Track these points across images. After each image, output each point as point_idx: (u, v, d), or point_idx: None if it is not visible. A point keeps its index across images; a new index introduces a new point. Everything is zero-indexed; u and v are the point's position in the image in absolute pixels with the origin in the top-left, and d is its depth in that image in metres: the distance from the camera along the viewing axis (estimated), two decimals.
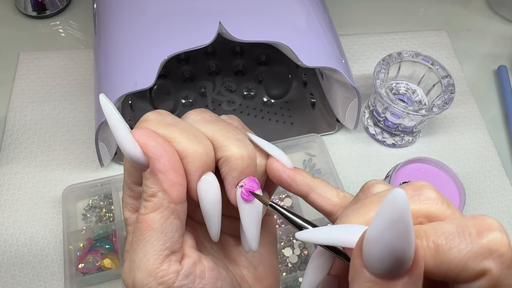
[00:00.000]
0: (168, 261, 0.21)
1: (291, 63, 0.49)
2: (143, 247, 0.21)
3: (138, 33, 0.46)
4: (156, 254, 0.21)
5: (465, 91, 0.63)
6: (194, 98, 0.60)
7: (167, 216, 0.21)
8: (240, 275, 0.26)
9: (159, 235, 0.21)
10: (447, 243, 0.17)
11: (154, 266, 0.20)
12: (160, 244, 0.21)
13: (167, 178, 0.20)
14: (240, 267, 0.27)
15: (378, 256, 0.16)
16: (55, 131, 0.56)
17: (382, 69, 0.52)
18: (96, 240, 0.48)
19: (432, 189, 0.19)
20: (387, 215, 0.15)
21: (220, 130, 0.23)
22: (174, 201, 0.21)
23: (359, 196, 0.22)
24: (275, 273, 0.28)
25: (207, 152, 0.22)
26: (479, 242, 0.16)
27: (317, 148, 0.55)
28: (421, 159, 0.48)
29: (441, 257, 0.17)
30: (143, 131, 0.21)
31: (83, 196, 0.51)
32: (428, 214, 0.19)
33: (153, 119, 0.22)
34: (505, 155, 0.58)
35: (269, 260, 0.28)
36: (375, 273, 0.16)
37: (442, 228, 0.17)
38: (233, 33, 0.44)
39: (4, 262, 0.47)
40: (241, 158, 0.22)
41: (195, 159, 0.21)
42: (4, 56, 0.62)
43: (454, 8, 0.72)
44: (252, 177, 0.23)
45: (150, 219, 0.21)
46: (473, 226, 0.17)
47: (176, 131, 0.21)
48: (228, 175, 0.22)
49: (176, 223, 0.21)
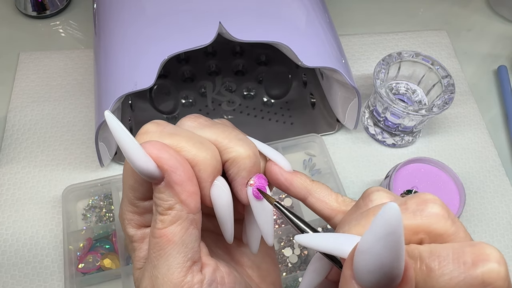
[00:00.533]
0: (191, 272, 0.21)
1: (291, 63, 0.49)
2: (165, 261, 0.20)
3: (138, 33, 0.46)
4: (180, 267, 0.20)
5: (465, 91, 0.63)
6: (194, 98, 0.60)
7: (186, 227, 0.21)
8: (246, 275, 0.26)
9: (180, 248, 0.20)
10: (440, 269, 0.16)
11: (179, 279, 0.20)
12: (182, 256, 0.20)
13: (184, 189, 0.20)
14: (245, 267, 0.27)
15: (367, 268, 0.16)
16: (55, 131, 0.56)
17: (382, 69, 0.52)
18: (96, 240, 0.48)
19: (438, 204, 0.19)
20: (378, 228, 0.15)
21: (221, 133, 0.22)
22: (193, 211, 0.21)
23: (359, 204, 0.22)
24: (276, 269, 0.28)
25: (215, 156, 0.22)
26: (473, 272, 0.16)
27: (317, 148, 0.55)
28: (421, 159, 0.48)
29: (432, 282, 0.16)
30: (154, 144, 0.20)
31: (83, 196, 0.51)
32: (430, 231, 0.18)
33: (155, 131, 0.21)
34: (505, 155, 0.58)
35: (269, 257, 0.28)
36: (363, 286, 0.16)
37: (438, 252, 0.17)
38: (233, 33, 0.44)
39: (4, 262, 0.47)
40: (248, 157, 0.22)
41: (206, 166, 0.21)
42: (4, 56, 0.62)
43: (454, 8, 0.72)
44: (259, 174, 0.23)
45: (170, 233, 0.20)
46: (470, 254, 0.16)
47: (182, 140, 0.21)
48: (237, 176, 0.22)
49: (195, 233, 0.21)
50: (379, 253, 0.15)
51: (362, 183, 0.54)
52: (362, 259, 0.16)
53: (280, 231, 0.49)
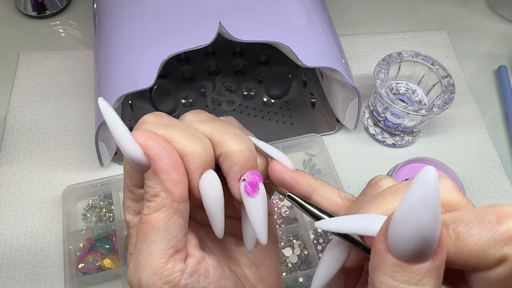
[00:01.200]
0: (173, 260, 0.21)
1: (291, 63, 0.49)
2: (148, 246, 0.21)
3: (138, 33, 0.46)
4: (161, 253, 0.21)
5: (465, 91, 0.63)
6: (194, 98, 0.60)
7: (170, 215, 0.21)
8: (243, 274, 0.26)
9: (163, 234, 0.21)
10: (467, 231, 0.17)
11: (160, 265, 0.21)
12: (164, 243, 0.21)
13: (169, 178, 0.21)
14: (242, 266, 0.27)
15: (406, 235, 0.16)
16: (55, 131, 0.56)
17: (382, 69, 0.52)
18: (96, 240, 0.48)
19: (448, 179, 0.20)
20: (419, 191, 0.15)
21: (217, 127, 0.23)
22: (177, 200, 0.21)
23: (367, 191, 0.22)
24: (277, 273, 0.28)
25: (206, 149, 0.22)
26: (499, 229, 0.17)
27: (317, 148, 0.55)
28: (421, 159, 0.48)
29: (461, 244, 0.17)
30: (143, 132, 0.21)
31: (83, 196, 0.51)
32: (445, 203, 0.19)
33: (151, 121, 0.22)
34: (505, 155, 0.58)
35: (271, 259, 0.28)
36: (400, 257, 0.16)
37: (461, 217, 0.18)
38: (233, 33, 0.44)
39: (4, 262, 0.47)
40: (240, 152, 0.22)
41: (195, 157, 0.21)
42: (4, 56, 0.62)
43: (454, 8, 0.72)
44: (254, 170, 0.23)
45: (154, 219, 0.21)
46: (493, 214, 0.17)
47: (175, 131, 0.22)
48: (230, 170, 0.22)
49: (180, 222, 0.21)
50: (419, 216, 0.15)
51: (362, 183, 0.54)
52: (400, 228, 0.16)
53: (280, 231, 0.49)
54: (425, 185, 0.15)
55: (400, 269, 0.16)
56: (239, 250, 0.27)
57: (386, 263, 0.17)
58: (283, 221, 0.50)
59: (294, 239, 0.49)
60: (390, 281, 0.16)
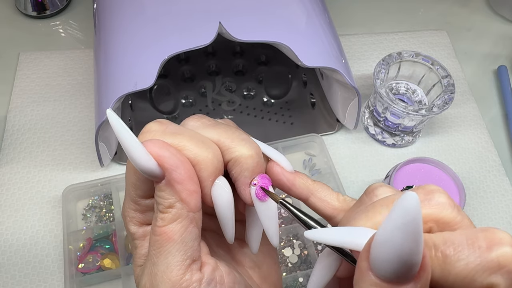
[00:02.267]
0: (190, 271, 0.21)
1: (291, 63, 0.49)
2: (165, 259, 0.20)
3: (138, 33, 0.46)
4: (178, 265, 0.20)
5: (465, 91, 0.63)
6: (194, 98, 0.60)
7: (186, 225, 0.21)
8: (247, 275, 0.26)
9: (180, 246, 0.21)
10: (455, 254, 0.17)
11: (178, 277, 0.20)
12: (181, 254, 0.21)
13: (185, 188, 0.20)
14: (246, 268, 0.27)
15: (386, 258, 0.16)
16: (55, 131, 0.56)
17: (382, 69, 0.52)
18: (96, 240, 0.48)
19: (443, 194, 0.19)
20: (398, 216, 0.15)
21: (224, 133, 0.22)
22: (193, 210, 0.21)
23: (363, 199, 0.22)
24: (278, 270, 0.28)
25: (217, 156, 0.22)
26: (488, 256, 0.16)
27: (317, 148, 0.55)
28: (421, 159, 0.48)
29: (448, 268, 0.17)
30: (155, 142, 0.20)
31: (83, 196, 0.51)
32: (438, 219, 0.19)
33: (157, 129, 0.22)
34: (505, 155, 0.58)
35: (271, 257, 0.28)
36: (381, 277, 0.16)
37: (451, 239, 0.17)
38: (233, 33, 0.44)
39: (4, 262, 0.47)
40: (250, 157, 0.22)
41: (207, 165, 0.21)
42: (4, 56, 0.62)
43: (454, 8, 0.72)
44: (263, 174, 0.23)
45: (170, 231, 0.20)
46: (484, 239, 0.17)
47: (184, 139, 0.21)
48: (240, 176, 0.22)
49: (195, 232, 0.21)
50: (398, 242, 0.15)
51: (362, 183, 0.54)
52: (381, 250, 0.16)
53: (280, 231, 0.49)
54: (405, 212, 0.15)
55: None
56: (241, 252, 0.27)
57: (367, 281, 0.16)
58: (283, 221, 0.50)
59: (294, 239, 0.49)
60: None
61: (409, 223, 0.15)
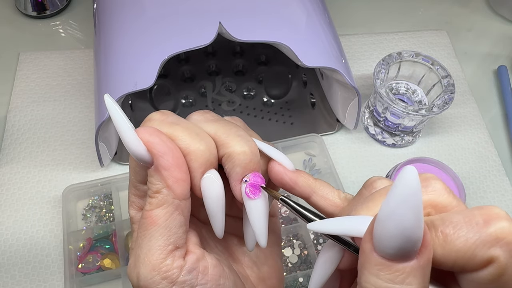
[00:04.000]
0: (172, 256, 0.21)
1: (291, 63, 0.49)
2: (148, 242, 0.21)
3: (138, 33, 0.46)
4: (160, 249, 0.21)
5: (465, 91, 0.63)
6: (194, 98, 0.60)
7: (171, 212, 0.21)
8: (244, 274, 0.26)
9: (163, 231, 0.21)
10: (455, 233, 0.17)
11: (158, 260, 0.21)
12: (164, 239, 0.21)
13: (171, 175, 0.21)
14: (244, 266, 0.27)
15: (389, 234, 0.16)
16: (55, 131, 0.56)
17: (382, 69, 0.52)
18: (96, 240, 0.48)
19: (439, 181, 0.20)
20: (399, 191, 0.16)
21: (221, 128, 0.23)
22: (178, 197, 0.21)
23: (363, 192, 0.22)
24: (279, 275, 0.28)
25: (209, 149, 0.22)
26: (486, 230, 0.17)
27: (317, 148, 0.55)
28: (421, 159, 0.48)
29: (449, 246, 0.17)
30: (147, 129, 0.21)
31: (83, 196, 0.51)
32: (436, 204, 0.19)
33: (157, 119, 0.22)
34: (505, 155, 0.58)
35: (273, 261, 0.28)
36: (385, 255, 0.17)
37: (449, 218, 0.18)
38: (233, 33, 0.44)
39: (4, 262, 0.47)
40: (243, 153, 0.22)
41: (198, 156, 0.22)
42: (4, 56, 0.62)
43: (454, 8, 0.72)
44: (256, 172, 0.23)
45: (155, 215, 0.21)
46: (480, 216, 0.17)
47: (179, 129, 0.22)
48: (232, 171, 0.23)
49: (180, 219, 0.22)
50: (401, 215, 0.16)
51: (362, 183, 0.53)
52: (383, 227, 0.16)
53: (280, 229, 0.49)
54: (405, 185, 0.15)
55: (384, 267, 0.17)
56: (241, 249, 0.27)
57: (372, 262, 0.17)
58: (283, 221, 0.50)
59: (294, 239, 0.49)
60: (375, 280, 0.17)
61: (410, 196, 0.15)
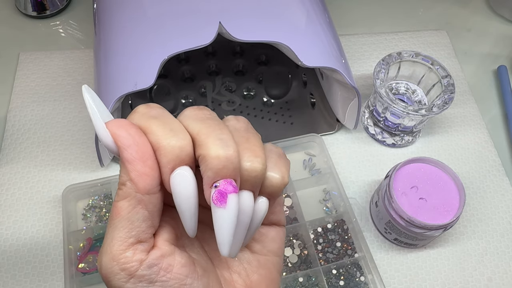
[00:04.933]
0: (133, 249, 0.21)
1: (291, 63, 0.49)
2: (112, 232, 0.21)
3: (138, 33, 0.46)
4: (120, 241, 0.21)
5: (465, 91, 0.63)
6: (194, 98, 0.60)
7: (134, 205, 0.21)
8: (229, 279, 0.25)
9: (125, 223, 0.21)
10: None
11: (118, 251, 0.21)
12: (125, 231, 0.21)
13: (134, 168, 0.21)
14: (231, 271, 0.26)
15: None
16: (55, 131, 0.56)
17: (382, 69, 0.52)
18: (96, 240, 0.48)
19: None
20: None
21: (205, 128, 0.22)
22: (141, 191, 0.21)
23: None
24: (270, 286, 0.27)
25: (181, 146, 0.21)
26: None
27: (317, 148, 0.55)
28: (421, 159, 0.48)
29: None
30: (117, 122, 0.21)
31: (83, 196, 0.51)
32: None
33: (140, 111, 0.23)
34: (505, 155, 0.58)
35: (267, 271, 0.27)
36: None
37: None
38: (233, 33, 0.44)
39: (4, 262, 0.47)
40: (216, 158, 0.21)
41: (167, 152, 0.21)
42: (4, 56, 0.62)
43: (454, 8, 0.72)
44: (228, 179, 0.21)
45: (119, 206, 0.21)
46: None
47: (155, 124, 0.22)
48: (204, 174, 0.22)
49: (143, 213, 0.21)
50: None
51: (362, 183, 0.54)
52: None
53: None
54: None
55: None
56: None
57: None
58: None
59: (294, 239, 0.49)
60: None
61: None
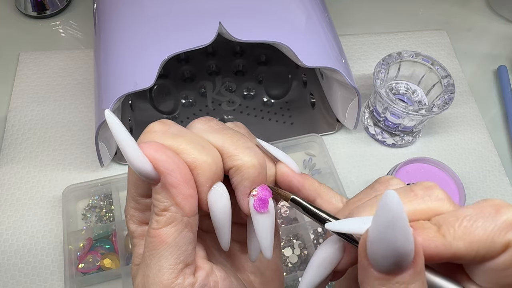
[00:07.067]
0: (183, 275, 0.21)
1: (291, 63, 0.49)
2: (157, 261, 0.21)
3: (138, 33, 0.46)
4: (171, 269, 0.20)
5: (465, 91, 0.63)
6: (194, 98, 0.60)
7: (180, 229, 0.21)
8: (248, 281, 0.26)
9: (173, 249, 0.20)
10: (472, 224, 0.18)
11: (170, 280, 0.20)
12: (174, 258, 0.21)
13: (180, 192, 0.20)
14: (248, 273, 0.26)
15: (382, 254, 0.17)
16: (55, 131, 0.56)
17: (382, 69, 0.52)
18: (96, 240, 0.48)
19: (441, 190, 0.21)
20: (383, 216, 0.16)
21: (229, 139, 0.22)
22: (188, 214, 0.21)
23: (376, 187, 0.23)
24: (280, 277, 0.28)
25: (216, 162, 0.21)
26: (500, 218, 0.18)
27: (317, 148, 0.55)
28: (421, 159, 0.48)
29: (470, 237, 0.18)
30: (152, 145, 0.20)
31: (83, 196, 0.51)
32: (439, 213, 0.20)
33: (159, 130, 0.22)
34: (505, 155, 0.58)
35: (275, 264, 0.28)
36: (382, 271, 0.17)
37: (463, 213, 0.19)
38: (233, 33, 0.44)
39: (4, 262, 0.47)
40: (252, 167, 0.22)
41: (205, 170, 0.21)
42: (4, 56, 0.62)
43: (454, 8, 0.72)
44: (263, 185, 0.22)
45: (164, 234, 0.20)
46: (489, 207, 0.19)
47: (184, 142, 0.21)
48: (240, 185, 0.22)
49: (190, 236, 0.21)
50: (390, 238, 0.17)
51: (362, 183, 0.54)
52: (375, 247, 0.17)
53: (280, 231, 0.49)
54: (388, 210, 0.16)
55: (385, 281, 0.17)
56: (244, 256, 0.26)
57: (371, 277, 0.18)
58: (283, 221, 0.50)
59: (294, 239, 0.49)
60: None
61: (394, 220, 0.16)
